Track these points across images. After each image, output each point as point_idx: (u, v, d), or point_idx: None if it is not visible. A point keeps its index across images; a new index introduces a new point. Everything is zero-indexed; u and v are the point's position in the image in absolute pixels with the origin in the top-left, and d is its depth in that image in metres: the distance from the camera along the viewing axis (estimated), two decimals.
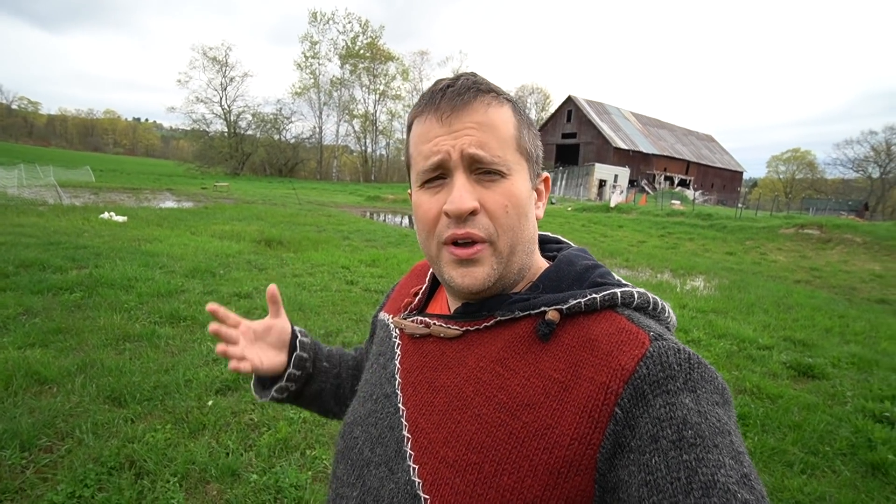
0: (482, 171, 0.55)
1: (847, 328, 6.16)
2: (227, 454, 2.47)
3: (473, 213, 0.54)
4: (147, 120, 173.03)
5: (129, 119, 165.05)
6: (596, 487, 0.45)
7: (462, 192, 0.54)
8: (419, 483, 0.52)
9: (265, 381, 0.83)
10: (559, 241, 0.71)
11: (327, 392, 0.85)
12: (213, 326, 0.69)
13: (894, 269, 12.20)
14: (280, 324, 0.79)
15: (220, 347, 0.69)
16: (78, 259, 6.25)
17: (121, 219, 10.75)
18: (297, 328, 0.83)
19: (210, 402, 2.95)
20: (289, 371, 0.78)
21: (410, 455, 0.55)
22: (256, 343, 0.76)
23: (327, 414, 0.89)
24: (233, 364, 0.71)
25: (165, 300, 4.92)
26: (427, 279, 0.74)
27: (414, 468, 0.53)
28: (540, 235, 0.70)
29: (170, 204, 17.78)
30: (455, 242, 0.55)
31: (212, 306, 0.69)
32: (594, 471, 0.45)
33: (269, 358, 0.77)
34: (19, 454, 2.32)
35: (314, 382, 0.83)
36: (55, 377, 3.08)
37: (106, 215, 10.89)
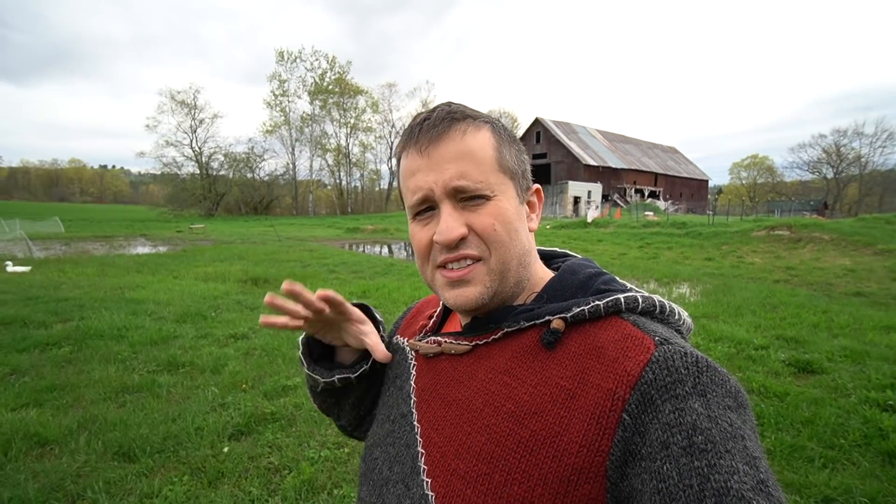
0: (467, 197, 0.56)
1: (833, 322, 6.36)
2: (252, 501, 2.38)
3: (463, 238, 0.56)
4: (114, 167, 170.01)
5: (96, 167, 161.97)
6: (608, 497, 0.45)
7: (449, 223, 0.56)
8: (432, 496, 0.52)
9: (313, 350, 0.75)
10: (566, 255, 0.72)
11: (357, 393, 0.77)
12: (268, 298, 0.58)
13: (864, 263, 12.73)
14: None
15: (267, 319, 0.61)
16: (60, 312, 6.01)
17: (21, 269, 9.80)
18: (374, 310, 0.76)
19: (226, 449, 2.85)
20: (363, 369, 0.71)
21: (424, 469, 0.55)
22: (334, 325, 0.68)
23: (331, 410, 0.80)
24: (282, 320, 0.61)
25: (160, 348, 4.76)
26: (441, 303, 0.75)
27: (427, 482, 0.54)
28: (548, 251, 0.72)
29: (145, 249, 17.36)
30: (447, 265, 0.57)
31: (287, 286, 0.59)
32: (604, 479, 0.45)
33: (331, 337, 0.70)
34: None
35: (361, 381, 0.76)
36: (56, 437, 2.93)
37: (10, 266, 9.81)
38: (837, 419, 3.31)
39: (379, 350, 0.70)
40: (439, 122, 0.57)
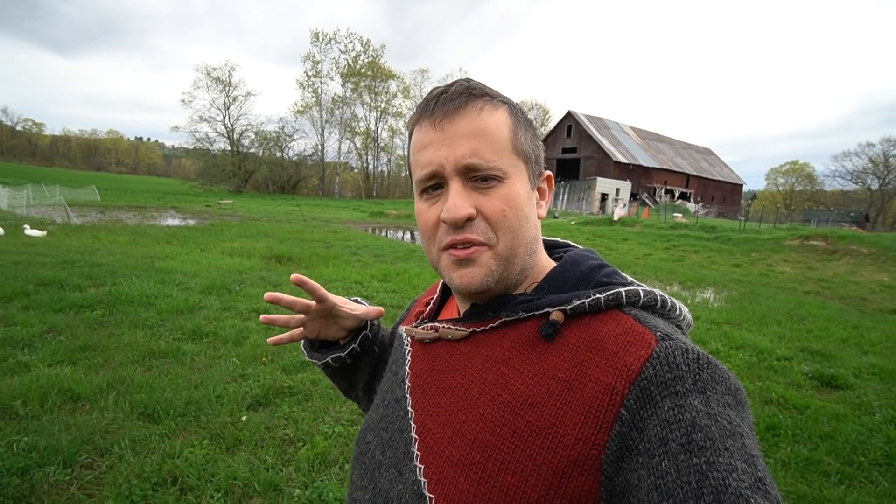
0: (478, 177, 0.55)
1: (863, 338, 6.15)
2: (267, 469, 2.47)
3: (470, 219, 0.55)
4: (149, 139, 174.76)
5: (132, 139, 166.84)
6: (602, 490, 0.44)
7: (457, 201, 0.54)
8: (424, 482, 0.52)
9: (314, 342, 0.84)
10: (568, 246, 0.71)
11: (364, 374, 0.85)
12: (264, 318, 0.73)
13: None
14: (330, 301, 0.77)
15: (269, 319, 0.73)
16: (94, 277, 6.28)
17: (38, 233, 10.39)
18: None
19: (244, 418, 2.96)
20: (352, 347, 0.80)
21: (417, 455, 0.55)
22: (328, 319, 0.77)
23: (350, 393, 0.90)
24: (284, 335, 0.76)
25: (186, 317, 4.94)
26: (438, 290, 0.76)
27: (420, 468, 0.54)
28: (550, 241, 0.71)
29: (175, 221, 17.89)
30: (454, 246, 0.56)
31: (296, 277, 0.67)
32: (599, 472, 0.44)
33: (333, 333, 0.79)
34: (62, 471, 2.32)
35: (360, 359, 0.84)
36: (87, 394, 3.09)
37: (28, 230, 10.49)
38: (859, 436, 3.22)
39: (372, 311, 0.79)
40: (456, 97, 0.55)
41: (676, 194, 50.40)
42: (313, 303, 0.73)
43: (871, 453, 3.02)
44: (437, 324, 0.64)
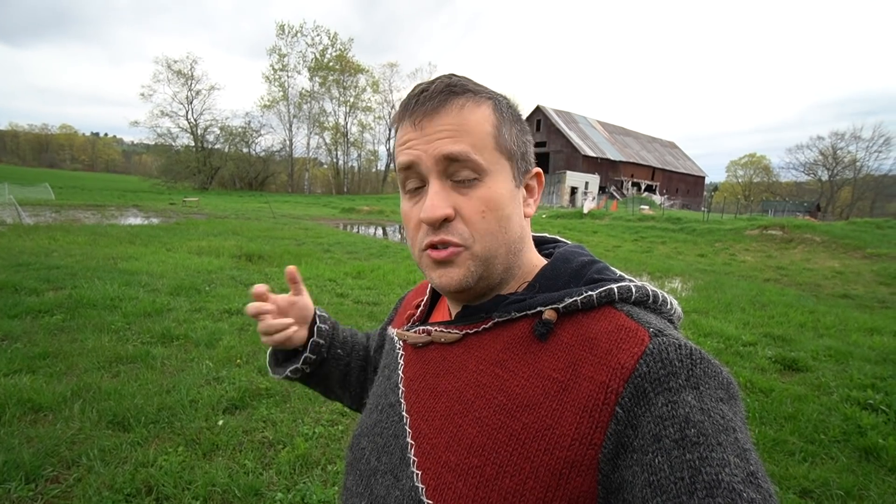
0: (458, 178, 0.54)
1: (819, 322, 6.48)
2: (247, 474, 2.41)
3: (448, 219, 0.54)
4: (106, 135, 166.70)
5: (87, 134, 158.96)
6: (599, 488, 0.45)
7: (434, 201, 0.53)
8: (422, 488, 0.52)
9: (279, 356, 0.85)
10: (556, 241, 0.70)
11: (335, 377, 0.86)
12: (252, 308, 0.74)
13: (852, 266, 12.91)
14: (303, 301, 0.80)
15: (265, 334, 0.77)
16: (52, 280, 5.97)
17: None
18: (318, 310, 0.84)
19: (220, 422, 2.88)
20: (305, 355, 0.80)
21: (414, 461, 0.55)
22: (280, 318, 0.78)
23: (329, 395, 0.91)
24: (277, 337, 0.76)
25: (154, 319, 4.76)
26: (427, 291, 0.75)
27: (417, 474, 0.53)
28: (538, 237, 0.70)
29: (138, 220, 17.18)
30: (433, 246, 0.56)
31: (258, 288, 0.74)
32: (596, 471, 0.44)
33: (296, 338, 0.80)
34: (25, 486, 2.20)
35: (325, 366, 0.84)
36: (50, 404, 2.94)
37: None
38: (819, 416, 3.40)
39: (290, 285, 0.81)
40: (436, 95, 0.54)
41: (643, 187, 51.76)
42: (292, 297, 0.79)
43: (831, 431, 3.19)
44: (429, 327, 0.63)
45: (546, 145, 48.29)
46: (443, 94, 0.54)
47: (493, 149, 0.55)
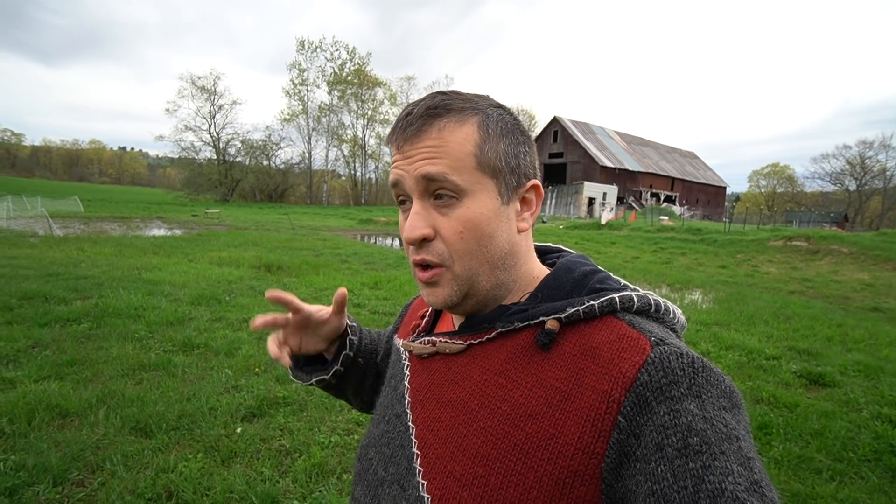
0: (439, 197, 0.55)
1: (847, 336, 6.28)
2: (264, 481, 2.44)
3: (427, 239, 0.55)
4: (133, 149, 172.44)
5: (115, 148, 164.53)
6: (603, 498, 0.45)
7: (413, 221, 0.55)
8: (428, 498, 0.52)
9: (299, 359, 0.84)
10: (560, 251, 0.71)
11: (351, 385, 0.86)
12: (257, 322, 0.70)
13: (883, 278, 12.49)
14: (337, 322, 0.79)
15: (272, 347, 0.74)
16: (80, 289, 6.16)
17: None
18: (349, 319, 0.83)
19: (239, 430, 2.92)
20: (336, 368, 0.80)
21: (419, 471, 0.55)
22: (306, 330, 0.77)
23: (339, 397, 0.90)
24: (274, 352, 0.74)
25: (175, 328, 4.87)
26: None
27: (423, 484, 0.54)
28: (542, 246, 0.71)
29: (161, 232, 17.64)
30: (417, 265, 0.57)
31: (271, 294, 0.70)
32: (599, 481, 0.45)
33: (313, 345, 0.79)
34: (52, 489, 2.27)
35: (346, 375, 0.85)
36: (77, 410, 3.03)
37: None
38: (847, 433, 3.28)
39: (337, 300, 0.76)
40: (416, 120, 0.55)
41: (662, 197, 51.09)
42: (289, 315, 0.74)
43: (860, 449, 3.08)
44: (433, 338, 0.64)
45: (563, 156, 48.15)
46: (422, 118, 0.55)
47: (473, 168, 0.55)
